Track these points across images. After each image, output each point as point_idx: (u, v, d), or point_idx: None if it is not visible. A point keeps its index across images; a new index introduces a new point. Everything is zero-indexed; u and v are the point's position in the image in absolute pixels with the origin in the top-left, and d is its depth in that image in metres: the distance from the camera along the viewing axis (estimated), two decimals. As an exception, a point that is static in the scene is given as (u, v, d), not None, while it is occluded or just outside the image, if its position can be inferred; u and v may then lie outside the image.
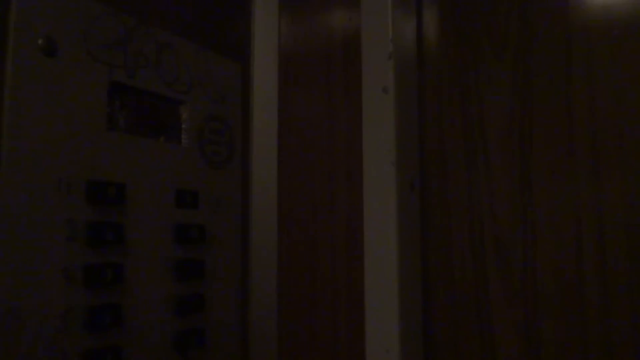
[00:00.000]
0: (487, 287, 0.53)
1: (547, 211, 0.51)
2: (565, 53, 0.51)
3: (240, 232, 0.54)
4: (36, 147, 0.38)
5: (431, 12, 0.59)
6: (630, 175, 0.47)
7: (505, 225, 0.53)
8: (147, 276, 0.44)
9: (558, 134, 0.51)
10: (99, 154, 0.42)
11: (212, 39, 0.57)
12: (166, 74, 0.48)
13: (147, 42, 0.46)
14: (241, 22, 0.64)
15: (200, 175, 0.50)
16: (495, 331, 0.52)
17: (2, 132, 0.36)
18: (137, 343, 0.43)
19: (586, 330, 0.48)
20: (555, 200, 0.51)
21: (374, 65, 0.55)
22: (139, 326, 0.43)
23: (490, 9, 0.55)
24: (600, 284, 0.48)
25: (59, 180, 0.39)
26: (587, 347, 0.48)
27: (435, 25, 0.59)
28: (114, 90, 0.44)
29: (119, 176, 0.43)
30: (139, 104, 0.46)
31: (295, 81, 0.66)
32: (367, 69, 0.56)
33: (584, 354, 0.48)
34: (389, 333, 0.52)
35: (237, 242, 0.54)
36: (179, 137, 0.49)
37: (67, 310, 0.38)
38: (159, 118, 0.48)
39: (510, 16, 0.54)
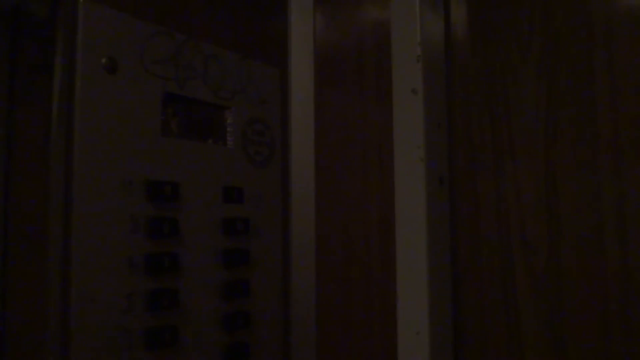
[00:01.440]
0: (514, 277, 0.56)
1: (571, 204, 0.53)
2: (587, 47, 0.53)
3: (281, 224, 0.59)
4: (102, 151, 0.43)
5: (459, 13, 0.62)
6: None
7: (531, 217, 0.55)
8: (199, 264, 0.50)
9: (581, 129, 0.53)
10: (156, 156, 0.47)
11: (253, 47, 0.62)
12: (212, 83, 0.53)
13: (195, 55, 0.51)
14: (279, 30, 0.68)
15: (245, 173, 0.55)
16: (521, 319, 0.55)
17: (73, 140, 0.42)
18: (190, 323, 0.48)
19: (610, 320, 0.50)
20: (579, 193, 0.53)
21: (403, 68, 0.59)
22: (192, 308, 0.49)
23: (515, 8, 0.58)
24: (623, 275, 0.50)
25: (122, 180, 0.44)
26: (611, 340, 0.50)
27: (463, 27, 0.62)
28: (167, 100, 0.49)
29: (174, 176, 0.48)
30: (189, 111, 0.52)
31: (330, 83, 0.70)
32: (397, 71, 0.59)
33: (607, 346, 0.50)
34: (420, 317, 0.56)
35: (278, 233, 0.59)
36: (225, 140, 0.55)
37: (131, 294, 0.44)
38: (206, 123, 0.53)
39: (534, 14, 0.56)
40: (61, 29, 0.43)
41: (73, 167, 0.42)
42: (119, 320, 0.43)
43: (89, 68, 0.43)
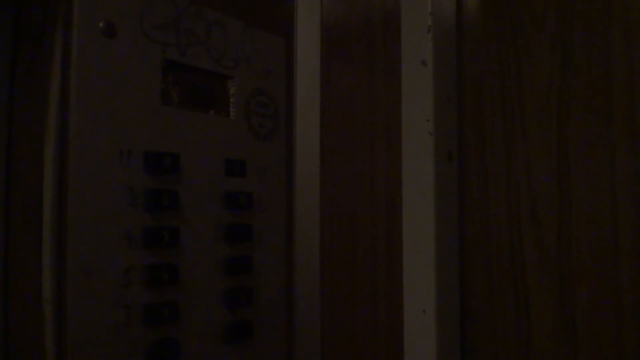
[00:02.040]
0: (523, 256, 0.55)
1: (583, 181, 0.52)
2: (603, 17, 0.51)
3: (284, 199, 0.57)
4: (99, 121, 0.42)
5: (471, -16, 0.60)
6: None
7: (542, 195, 0.54)
8: (200, 238, 0.48)
9: (596, 105, 0.51)
10: (155, 126, 0.45)
11: (258, 15, 0.60)
12: (215, 51, 0.51)
13: (197, 21, 0.49)
14: (285, -1, 0.66)
15: (247, 146, 0.54)
16: (530, 298, 0.54)
17: (69, 108, 0.40)
18: (191, 299, 0.47)
19: (620, 300, 0.49)
20: (591, 170, 0.51)
21: (413, 39, 0.57)
22: (193, 284, 0.47)
23: (529, -20, 0.56)
24: (635, 255, 0.49)
25: (120, 151, 0.43)
26: (621, 316, 0.49)
27: (475, -3, 0.60)
28: (167, 68, 0.47)
29: (174, 147, 0.46)
30: (190, 80, 0.50)
31: (337, 55, 0.68)
32: (407, 42, 0.58)
33: (617, 322, 0.49)
34: (426, 294, 0.54)
35: (282, 209, 0.57)
36: (227, 111, 0.53)
37: (129, 269, 0.43)
38: (208, 93, 0.52)
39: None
40: (56, -10, 0.41)
41: (69, 135, 0.40)
42: (117, 296, 0.42)
43: (86, 32, 0.41)
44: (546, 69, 0.54)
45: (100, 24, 0.42)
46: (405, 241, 0.57)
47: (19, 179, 0.44)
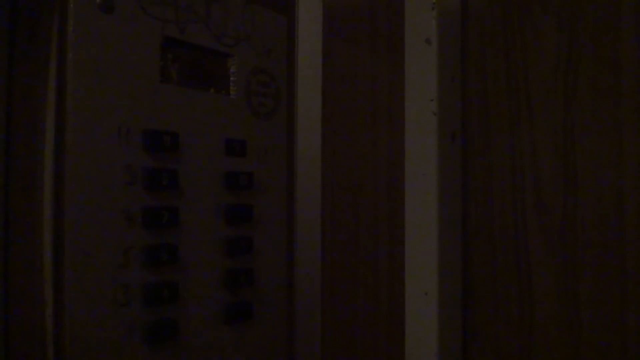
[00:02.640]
0: (527, 237, 0.54)
1: (589, 163, 0.51)
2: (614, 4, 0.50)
3: (285, 179, 0.57)
4: (97, 98, 0.41)
5: (476, -39, 0.59)
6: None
7: (547, 176, 0.53)
8: (199, 218, 0.47)
9: (603, 84, 0.51)
10: (154, 104, 0.44)
11: (259, -8, 0.59)
12: (215, 28, 0.50)
13: (197, -3, 0.48)
14: (287, -24, 0.65)
15: (248, 125, 0.53)
16: (534, 279, 0.54)
17: (66, 85, 0.40)
18: (191, 279, 0.46)
19: (625, 284, 0.49)
20: (598, 151, 0.51)
21: (417, 16, 0.56)
22: (193, 264, 0.47)
23: (536, -43, 0.54)
24: (641, 234, 0.48)
25: (118, 129, 0.42)
26: (625, 300, 0.49)
27: (481, -25, 0.59)
28: (166, 45, 0.46)
29: (173, 126, 0.46)
30: (190, 57, 0.49)
31: (339, 33, 0.67)
32: (410, 19, 0.56)
33: (621, 306, 0.49)
34: (428, 276, 0.54)
35: (283, 190, 0.57)
36: (227, 89, 0.52)
37: (128, 249, 0.42)
38: (208, 71, 0.51)
39: (557, -37, 0.53)
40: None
41: (66, 113, 0.39)
42: (116, 276, 0.41)
43: (82, 7, 0.40)
44: (552, 47, 0.53)
45: (97, -1, 0.41)
46: (407, 222, 0.56)
47: (17, 160, 0.43)
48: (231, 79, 0.52)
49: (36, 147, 0.40)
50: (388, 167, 0.62)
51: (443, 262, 0.54)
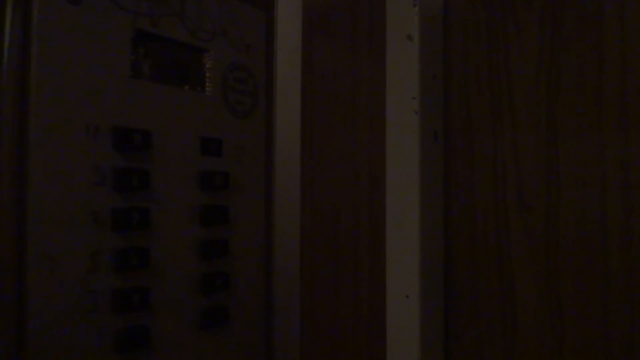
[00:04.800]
0: (509, 238, 0.54)
1: (572, 163, 0.50)
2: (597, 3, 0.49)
3: (263, 180, 0.55)
4: (63, 93, 0.39)
5: (459, -43, 0.58)
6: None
7: (529, 176, 0.52)
8: (173, 220, 0.46)
9: (586, 84, 0.50)
10: (124, 101, 0.43)
11: (236, -14, 0.57)
12: (190, 22, 0.48)
13: (170, -11, 0.46)
14: (265, -30, 0.63)
15: (224, 123, 0.51)
16: (516, 281, 0.53)
17: (30, 80, 0.37)
18: (164, 284, 0.44)
19: (608, 285, 0.48)
20: (581, 152, 0.50)
21: (398, 12, 0.54)
22: (166, 268, 0.45)
23: (520, -47, 0.54)
24: (624, 239, 0.47)
25: (86, 126, 0.40)
26: (608, 302, 0.48)
27: (463, -29, 0.58)
28: (138, 39, 0.44)
29: (145, 123, 0.44)
30: (163, 52, 0.47)
31: (320, 30, 0.65)
32: (392, 15, 0.55)
33: (604, 308, 0.48)
34: (409, 279, 0.53)
35: (260, 190, 0.55)
36: (203, 86, 0.50)
37: (96, 252, 0.40)
38: (183, 67, 0.49)
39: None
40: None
41: (29, 109, 0.37)
42: (83, 281, 0.39)
43: (47, -2, 0.38)
44: (535, 45, 0.52)
45: (64, -11, 0.39)
46: (388, 224, 0.55)
47: None
48: (207, 75, 0.50)
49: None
50: (369, 167, 0.61)
51: (425, 264, 0.53)
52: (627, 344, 0.47)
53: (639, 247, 0.46)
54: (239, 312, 0.52)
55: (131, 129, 0.42)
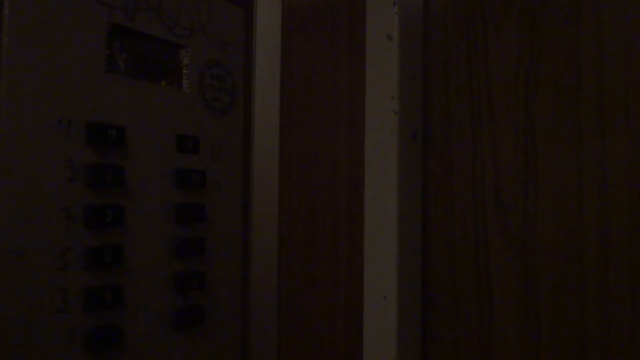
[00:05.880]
0: (487, 240, 0.54)
1: (550, 165, 0.51)
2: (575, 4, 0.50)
3: (241, 178, 0.54)
4: (35, 87, 0.38)
5: (439, -43, 0.58)
6: (636, 133, 0.47)
7: (508, 177, 0.53)
8: (148, 218, 0.45)
9: (564, 87, 0.50)
10: (99, 95, 0.42)
11: (215, -17, 0.56)
12: (167, 17, 0.47)
13: (147, -17, 0.46)
14: (245, -33, 0.62)
15: (202, 121, 0.50)
16: (493, 283, 0.53)
17: (1, 72, 0.36)
18: (138, 283, 0.44)
19: (584, 285, 0.48)
20: (558, 154, 0.50)
21: (378, 11, 0.54)
22: (140, 267, 0.44)
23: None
24: (601, 241, 0.48)
25: (58, 120, 0.39)
26: (584, 303, 0.48)
27: (443, -28, 0.58)
28: (113, 33, 0.43)
29: (119, 119, 0.43)
30: (139, 47, 0.46)
31: (299, 28, 0.65)
32: (372, 14, 0.55)
33: (581, 306, 0.48)
34: (387, 281, 0.53)
35: (238, 189, 0.54)
36: (180, 82, 0.49)
37: (68, 250, 0.39)
38: (159, 62, 0.48)
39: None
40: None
41: (0, 106, 0.36)
42: (54, 279, 0.38)
43: (19, -11, 0.37)
44: (514, 46, 0.53)
45: (36, -20, 0.38)
46: (366, 223, 0.55)
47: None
48: (184, 71, 0.50)
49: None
50: (348, 166, 0.60)
51: (402, 265, 0.53)
52: (603, 345, 0.47)
53: (615, 249, 0.47)
54: (215, 312, 0.51)
55: (105, 124, 0.41)
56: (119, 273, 0.42)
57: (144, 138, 0.45)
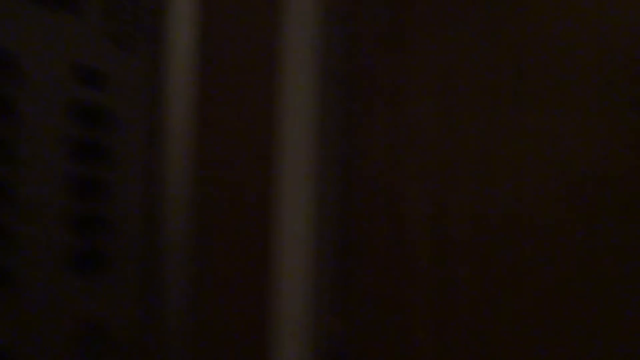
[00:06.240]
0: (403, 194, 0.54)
1: (465, 136, 0.52)
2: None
3: (149, 119, 0.52)
4: None
5: None
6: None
7: (427, 144, 0.53)
8: (42, 152, 0.42)
9: (486, 59, 0.51)
10: (-14, 17, 0.38)
11: None
12: (67, -64, 0.44)
13: None
14: None
15: (105, 53, 0.47)
16: (406, 226, 0.54)
17: None
18: (29, 220, 0.41)
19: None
20: (475, 124, 0.51)
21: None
22: (31, 203, 0.41)
23: None
24: (512, 210, 0.50)
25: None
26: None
27: None
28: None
29: (11, 45, 0.39)
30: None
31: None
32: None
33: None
34: (302, 226, 0.53)
35: (146, 129, 0.52)
36: (81, 12, 0.46)
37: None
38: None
39: None
40: None
41: None
42: None
43: None
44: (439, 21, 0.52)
45: None
46: (284, 166, 0.54)
47: None
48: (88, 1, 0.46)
49: None
50: (265, 108, 0.58)
51: (319, 208, 0.53)
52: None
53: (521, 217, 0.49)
54: (120, 256, 0.49)
55: (-7, 48, 0.38)
56: (10, 209, 0.40)
57: (40, 67, 0.42)
